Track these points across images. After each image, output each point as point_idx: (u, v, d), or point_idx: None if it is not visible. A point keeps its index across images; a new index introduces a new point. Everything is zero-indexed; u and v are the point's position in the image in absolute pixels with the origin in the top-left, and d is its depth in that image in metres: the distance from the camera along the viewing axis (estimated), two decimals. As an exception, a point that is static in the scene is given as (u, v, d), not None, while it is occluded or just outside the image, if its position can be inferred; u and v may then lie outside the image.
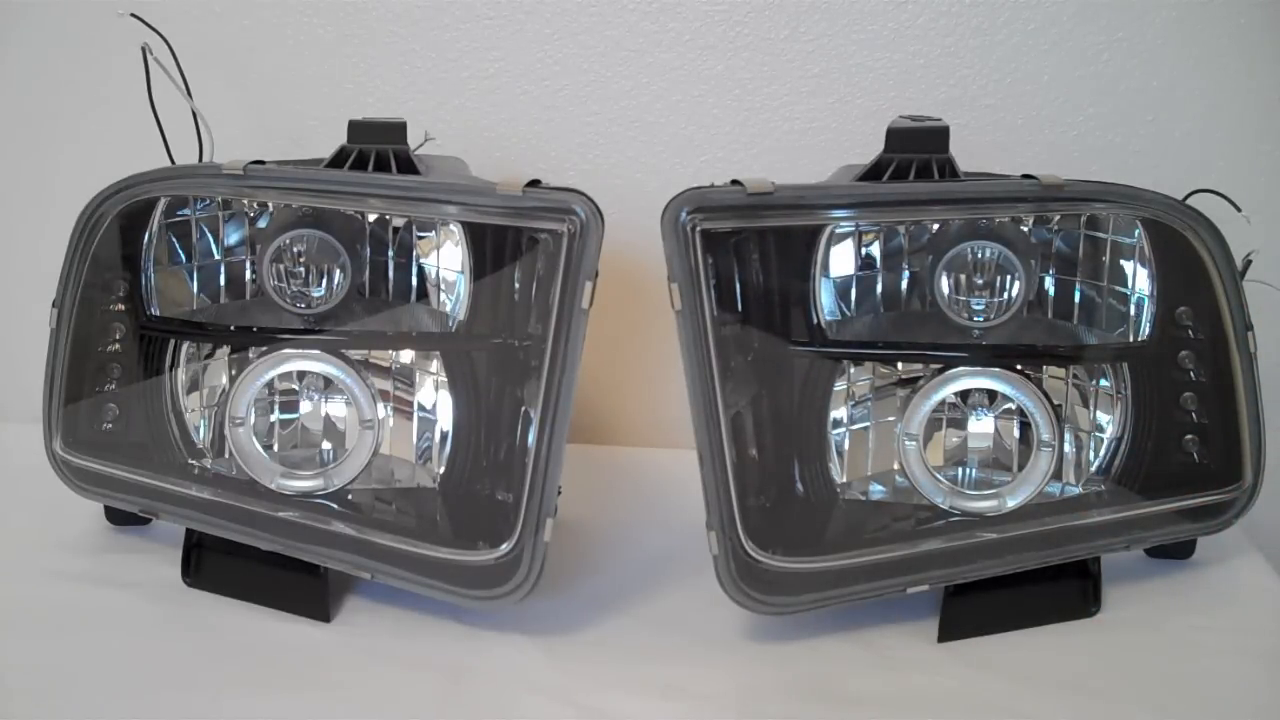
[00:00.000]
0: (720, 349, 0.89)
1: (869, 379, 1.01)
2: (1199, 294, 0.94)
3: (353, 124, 0.96)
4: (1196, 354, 0.96)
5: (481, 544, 0.91)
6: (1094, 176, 0.93)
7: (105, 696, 0.84)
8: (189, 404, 1.03)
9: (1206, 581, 1.01)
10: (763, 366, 0.96)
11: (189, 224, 1.02)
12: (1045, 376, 0.99)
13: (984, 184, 0.93)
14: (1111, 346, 0.99)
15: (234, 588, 0.97)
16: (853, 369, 1.01)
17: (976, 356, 0.96)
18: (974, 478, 1.00)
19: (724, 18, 1.21)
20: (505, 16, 1.22)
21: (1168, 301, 0.96)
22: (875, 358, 1.00)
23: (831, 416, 1.01)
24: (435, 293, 1.01)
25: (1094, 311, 0.99)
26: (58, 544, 1.04)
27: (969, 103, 1.20)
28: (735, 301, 0.94)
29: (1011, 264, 0.94)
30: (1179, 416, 0.97)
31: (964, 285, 0.95)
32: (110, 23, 1.10)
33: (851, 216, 0.95)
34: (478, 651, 0.91)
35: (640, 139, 1.24)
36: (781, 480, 0.98)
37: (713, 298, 0.88)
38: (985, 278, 0.94)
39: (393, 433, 1.01)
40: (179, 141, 1.09)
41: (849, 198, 0.92)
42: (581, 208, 0.88)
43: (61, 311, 1.00)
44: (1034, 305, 0.99)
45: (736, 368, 0.93)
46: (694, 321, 0.87)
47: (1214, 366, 0.95)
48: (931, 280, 0.96)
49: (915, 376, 0.99)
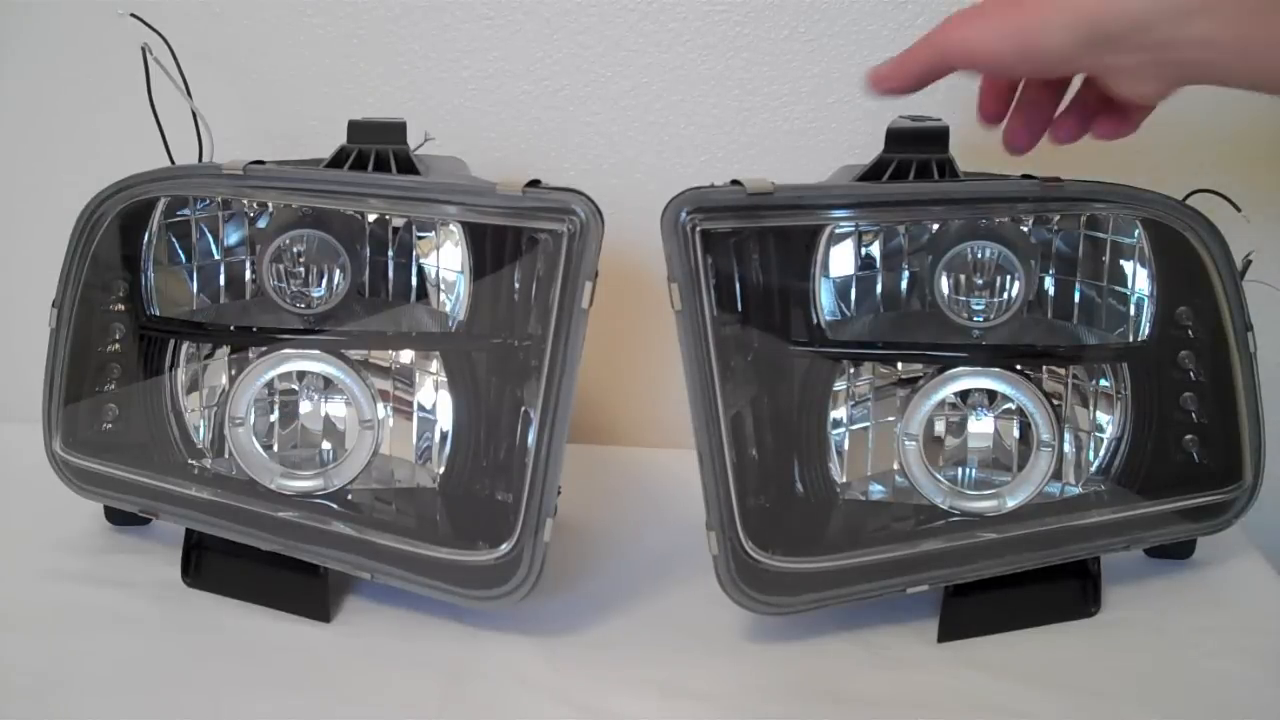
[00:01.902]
0: (720, 349, 0.89)
1: (869, 379, 1.01)
2: (1199, 294, 0.94)
3: (352, 124, 0.96)
4: (1196, 354, 0.96)
5: (481, 544, 0.91)
6: (1094, 176, 0.93)
7: (105, 696, 0.84)
8: (189, 404, 1.03)
9: (1206, 581, 1.01)
10: (762, 366, 0.96)
11: (189, 224, 1.02)
12: (1044, 376, 0.99)
13: (984, 184, 0.93)
14: (1111, 347, 0.99)
15: (234, 588, 0.97)
16: (852, 369, 1.01)
17: (976, 357, 0.96)
18: (974, 478, 1.00)
19: (724, 18, 1.21)
20: (505, 17, 1.22)
21: (1168, 302, 0.96)
22: (875, 358, 1.00)
23: (831, 416, 1.01)
24: (435, 293, 1.01)
25: (1094, 311, 0.99)
26: (57, 544, 1.04)
27: (969, 103, 1.19)
28: (735, 301, 0.94)
29: (1011, 264, 0.94)
30: (1179, 417, 0.97)
31: (964, 285, 0.95)
32: (110, 23, 1.10)
33: (851, 216, 0.95)
34: (478, 651, 0.91)
35: (640, 139, 1.24)
36: (781, 480, 0.98)
37: (712, 298, 0.88)
38: (985, 278, 0.94)
39: (392, 433, 1.01)
40: (179, 141, 1.09)
41: (848, 198, 0.92)
42: (581, 208, 0.88)
43: (61, 311, 1.00)
44: (1034, 305, 0.99)
45: (736, 368, 0.93)
46: (693, 321, 0.87)
47: (1213, 367, 0.95)
48: (931, 280, 0.96)
49: (915, 376, 0.99)
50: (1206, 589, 1.00)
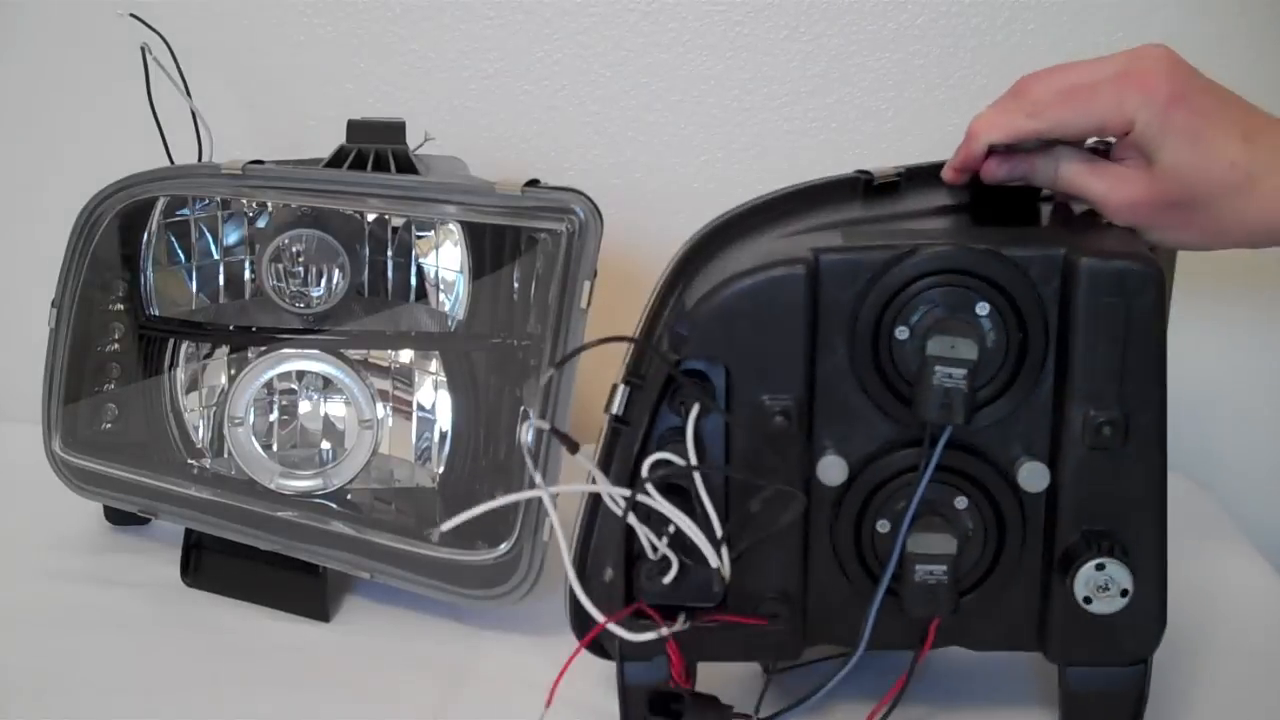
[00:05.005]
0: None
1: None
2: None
3: (352, 123, 0.96)
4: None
5: (481, 544, 0.91)
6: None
7: (104, 696, 0.84)
8: (188, 404, 1.03)
9: (1206, 581, 1.01)
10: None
11: (188, 224, 1.02)
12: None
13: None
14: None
15: (233, 587, 0.97)
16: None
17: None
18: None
19: (724, 18, 1.21)
20: (505, 17, 1.22)
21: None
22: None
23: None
24: (434, 292, 1.01)
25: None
26: (57, 544, 1.04)
27: (969, 103, 1.19)
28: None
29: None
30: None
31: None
32: (110, 23, 1.10)
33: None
34: (478, 651, 0.91)
35: (640, 139, 1.24)
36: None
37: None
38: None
39: (392, 433, 1.01)
40: (179, 141, 1.09)
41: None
42: (580, 207, 0.88)
43: (61, 311, 1.00)
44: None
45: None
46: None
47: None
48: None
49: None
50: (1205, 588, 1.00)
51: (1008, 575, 0.77)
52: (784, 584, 0.77)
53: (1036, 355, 0.73)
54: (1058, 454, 0.75)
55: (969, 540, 0.76)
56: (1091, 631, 0.76)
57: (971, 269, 0.72)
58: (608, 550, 0.77)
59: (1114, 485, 0.75)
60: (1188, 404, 0.92)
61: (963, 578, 0.76)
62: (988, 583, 0.77)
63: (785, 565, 0.77)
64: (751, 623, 0.77)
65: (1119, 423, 0.73)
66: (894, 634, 0.76)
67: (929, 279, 0.73)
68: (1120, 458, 0.74)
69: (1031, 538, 0.76)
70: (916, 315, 0.73)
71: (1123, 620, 0.75)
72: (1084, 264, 0.72)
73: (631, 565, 0.76)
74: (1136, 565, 0.74)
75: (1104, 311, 0.72)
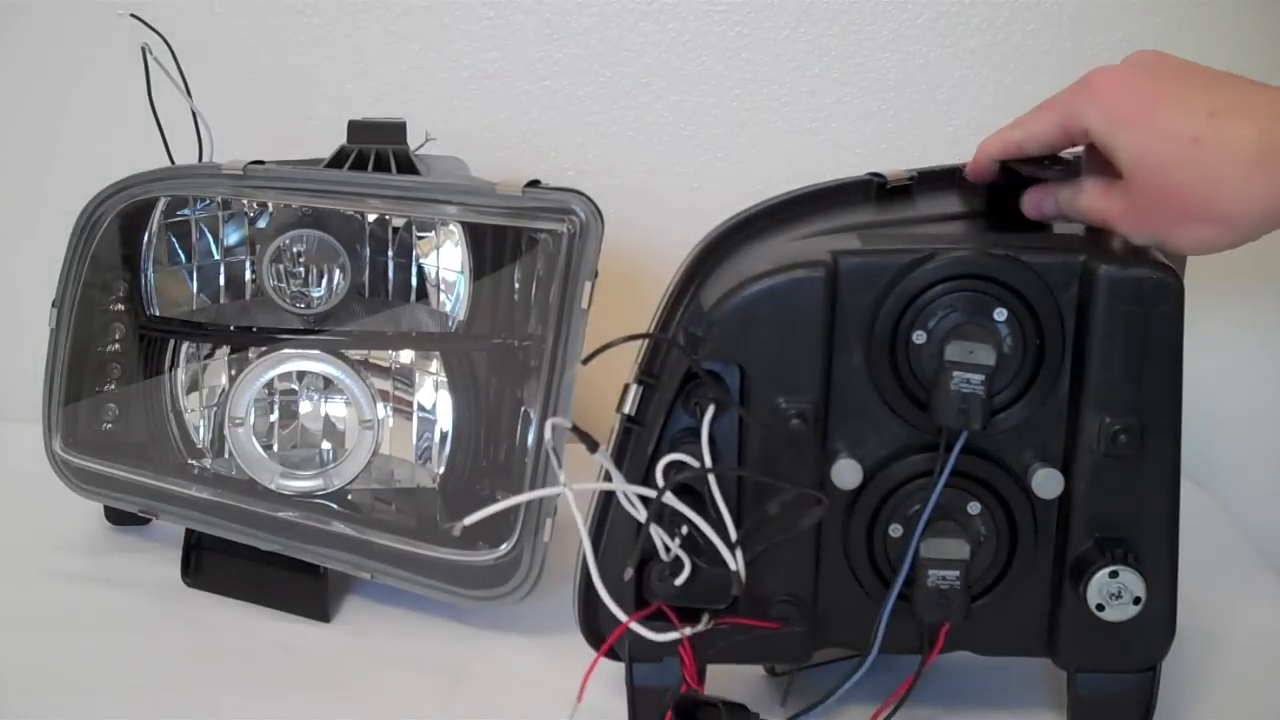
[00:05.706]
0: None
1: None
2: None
3: (352, 124, 0.96)
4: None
5: (481, 544, 0.91)
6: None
7: (105, 696, 0.84)
8: (189, 404, 1.03)
9: (1205, 581, 1.01)
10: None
11: (189, 224, 1.02)
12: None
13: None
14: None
15: (233, 587, 0.97)
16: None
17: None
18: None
19: (724, 18, 1.21)
20: (505, 16, 1.22)
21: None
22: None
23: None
24: (435, 293, 1.01)
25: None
26: (57, 544, 1.04)
27: (969, 103, 1.20)
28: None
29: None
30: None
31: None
32: (110, 23, 1.10)
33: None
34: (478, 651, 0.91)
35: (640, 139, 1.24)
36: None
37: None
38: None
39: (392, 433, 1.01)
40: (179, 141, 1.09)
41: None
42: (581, 208, 0.88)
43: (61, 311, 1.00)
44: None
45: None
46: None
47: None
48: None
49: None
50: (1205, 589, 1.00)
51: (1019, 581, 0.77)
52: (795, 587, 0.77)
53: (1053, 362, 0.73)
54: (1072, 461, 0.75)
55: (981, 545, 0.76)
56: (1102, 638, 0.76)
57: (990, 274, 0.72)
58: (620, 551, 0.77)
59: (1128, 492, 0.75)
60: (1191, 407, 0.92)
61: (974, 583, 0.76)
62: (999, 588, 0.77)
63: (797, 568, 0.77)
64: (764, 626, 0.77)
65: (1135, 430, 0.73)
66: (904, 638, 0.76)
67: (948, 284, 0.72)
68: (1135, 465, 0.74)
69: (1043, 544, 0.76)
70: (934, 320, 0.73)
71: (1134, 627, 0.75)
72: (1103, 271, 0.72)
73: (640, 566, 0.76)
74: (1148, 573, 0.74)
75: (1122, 319, 0.72)
